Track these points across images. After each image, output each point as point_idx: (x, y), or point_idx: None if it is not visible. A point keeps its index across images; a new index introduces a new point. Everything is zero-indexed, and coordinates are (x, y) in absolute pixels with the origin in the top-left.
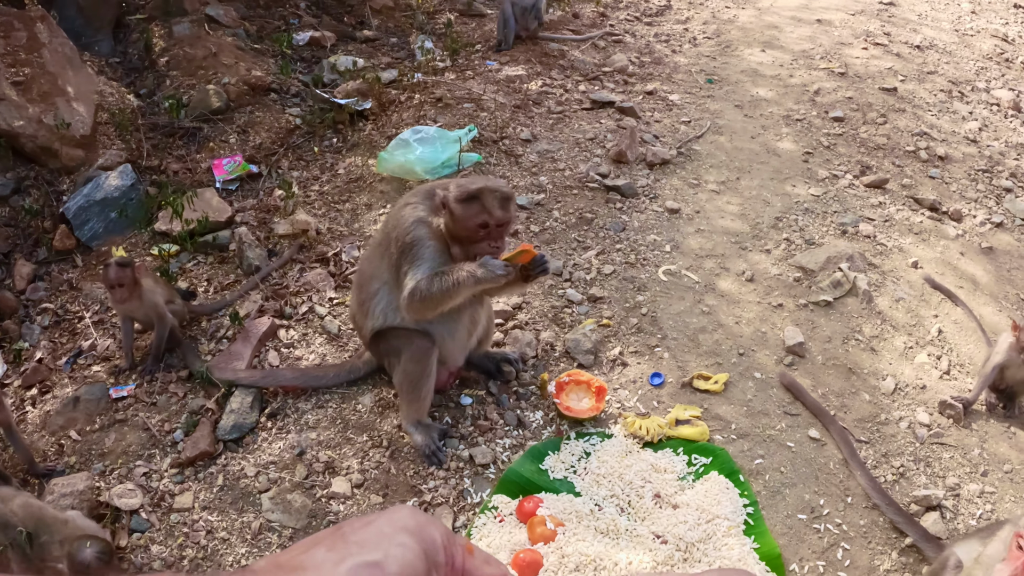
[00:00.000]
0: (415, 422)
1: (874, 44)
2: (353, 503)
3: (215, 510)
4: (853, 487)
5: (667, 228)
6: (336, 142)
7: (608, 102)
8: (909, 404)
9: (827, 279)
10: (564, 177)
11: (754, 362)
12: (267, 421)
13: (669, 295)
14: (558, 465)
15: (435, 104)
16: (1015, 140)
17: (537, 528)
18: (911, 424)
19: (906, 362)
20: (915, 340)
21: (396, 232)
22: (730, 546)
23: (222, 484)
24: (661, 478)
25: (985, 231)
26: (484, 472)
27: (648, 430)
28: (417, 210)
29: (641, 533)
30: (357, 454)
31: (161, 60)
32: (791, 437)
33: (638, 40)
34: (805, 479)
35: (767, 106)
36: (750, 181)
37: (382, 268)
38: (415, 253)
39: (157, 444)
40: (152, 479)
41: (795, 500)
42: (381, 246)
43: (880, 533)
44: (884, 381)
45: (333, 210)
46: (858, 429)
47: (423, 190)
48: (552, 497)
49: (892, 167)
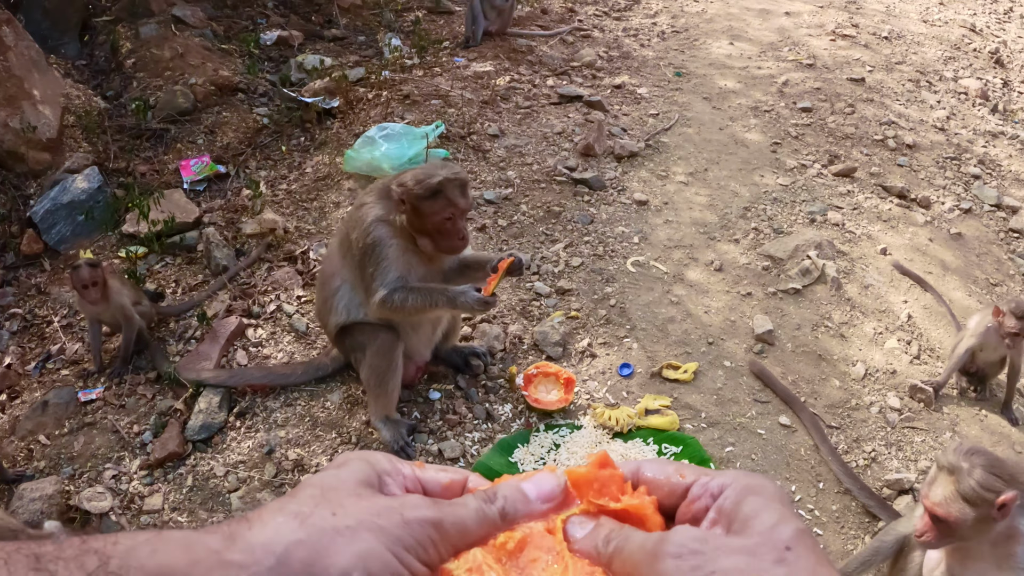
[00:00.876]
0: (383, 418)
1: (842, 36)
2: None
3: (185, 511)
4: (825, 473)
5: (635, 220)
6: (304, 141)
7: (576, 96)
8: (880, 389)
9: (796, 267)
10: (532, 171)
11: (723, 351)
12: (236, 420)
13: (637, 286)
14: (528, 458)
15: (403, 101)
16: (983, 128)
17: None
18: (882, 409)
19: (876, 347)
20: (884, 326)
21: (356, 233)
22: None
23: (192, 485)
24: None
25: (953, 217)
26: (454, 467)
27: (618, 420)
28: (375, 209)
29: None
30: (326, 451)
31: (128, 62)
32: (761, 424)
33: (606, 35)
34: (776, 466)
35: (735, 98)
36: (718, 172)
37: (343, 267)
38: (379, 255)
39: (126, 446)
40: (122, 481)
41: None
42: (342, 246)
43: (853, 518)
44: (854, 367)
45: (301, 208)
46: (829, 415)
47: (378, 187)
48: None
49: (860, 156)
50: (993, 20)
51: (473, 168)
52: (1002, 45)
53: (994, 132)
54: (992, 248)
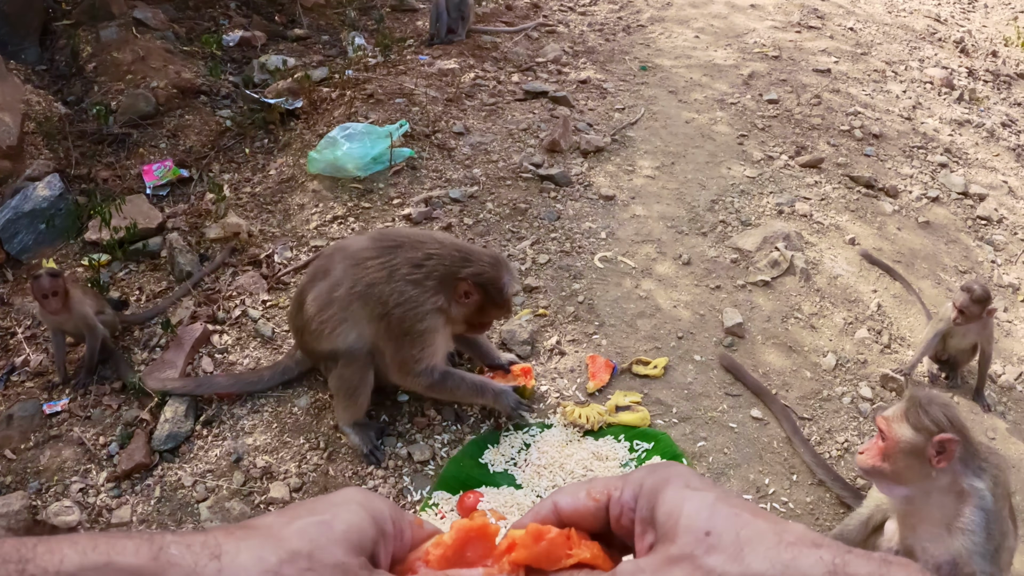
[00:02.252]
0: (351, 423)
1: (807, 27)
2: None
3: (154, 523)
4: (798, 464)
5: (602, 215)
6: (267, 143)
7: (541, 92)
8: (851, 379)
9: (764, 259)
10: (497, 169)
11: (693, 345)
12: (202, 429)
13: (606, 282)
14: (498, 458)
15: (366, 100)
16: (949, 116)
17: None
18: (854, 399)
19: (846, 338)
20: (854, 316)
21: (403, 312)
22: None
23: (160, 496)
24: (603, 466)
25: (921, 206)
26: (423, 469)
27: (588, 418)
28: (432, 297)
29: None
30: (294, 457)
31: (89, 66)
32: (733, 418)
33: (571, 30)
34: (749, 459)
35: (701, 90)
36: (685, 165)
37: (362, 321)
38: (426, 341)
39: (93, 458)
40: (89, 495)
41: (740, 480)
42: (366, 304)
43: (827, 509)
44: (825, 358)
45: (265, 211)
46: (800, 406)
47: (427, 266)
48: (493, 491)
49: (827, 146)
50: (958, 10)
51: (438, 166)
52: (967, 34)
53: (960, 120)
54: (960, 236)
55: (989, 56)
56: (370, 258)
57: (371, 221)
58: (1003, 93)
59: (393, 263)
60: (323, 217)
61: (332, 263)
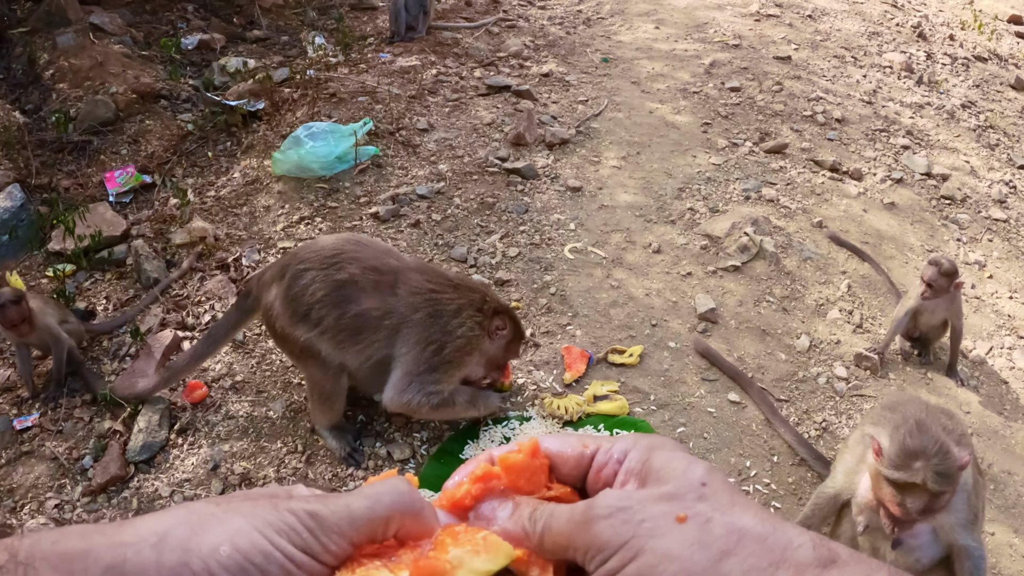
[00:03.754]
0: (328, 426)
1: (766, 16)
2: None
3: None
4: (778, 446)
5: (570, 207)
6: (230, 145)
7: (504, 86)
8: (825, 360)
9: (734, 244)
10: (463, 164)
11: (668, 332)
12: (177, 437)
13: (577, 273)
14: (479, 453)
15: (329, 100)
16: (909, 100)
17: None
18: (829, 379)
19: (819, 319)
20: (825, 297)
21: (461, 342)
22: None
23: (137, 508)
24: None
25: (886, 187)
26: (404, 468)
27: (567, 409)
28: (483, 337)
29: None
30: (273, 462)
31: (46, 73)
32: (711, 403)
33: (532, 24)
34: (729, 443)
35: (663, 80)
36: (650, 155)
37: (400, 346)
38: (458, 368)
39: (67, 473)
40: (65, 510)
41: (721, 464)
42: (421, 332)
43: (810, 488)
44: (798, 340)
45: (231, 215)
46: (777, 389)
47: (488, 310)
48: None
49: (791, 132)
50: None
51: (404, 164)
52: (924, 19)
53: (920, 103)
54: (926, 215)
55: (946, 40)
56: (435, 291)
57: (338, 221)
58: (961, 76)
59: (460, 302)
60: (290, 218)
61: (382, 284)
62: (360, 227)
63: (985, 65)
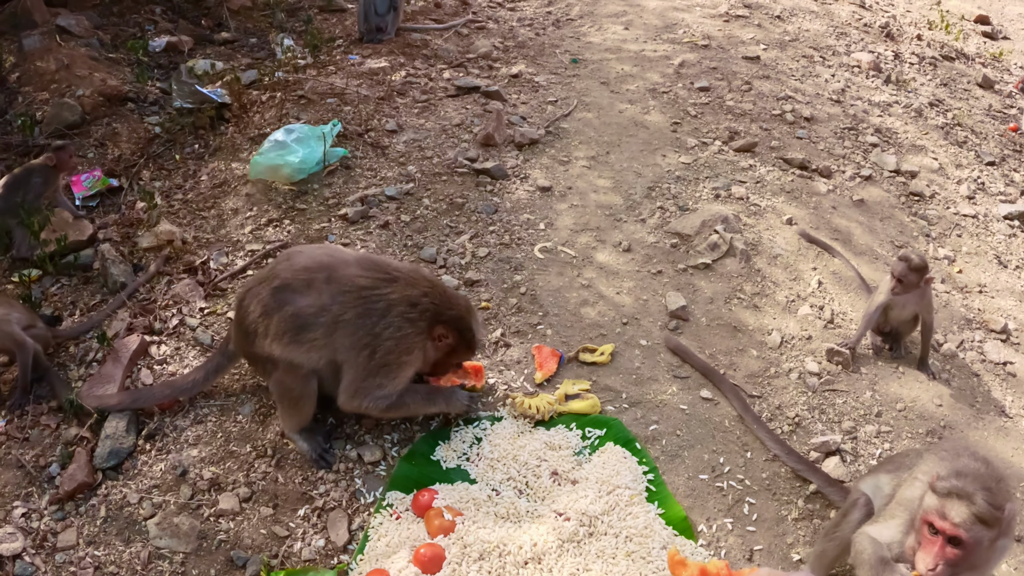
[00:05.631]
0: (297, 429)
1: (735, 17)
2: (243, 518)
3: (101, 544)
4: (751, 442)
5: (540, 206)
6: (198, 148)
7: (473, 87)
8: (797, 355)
9: (704, 242)
10: (432, 165)
11: (639, 330)
12: (145, 443)
13: (547, 272)
14: (450, 454)
15: (297, 102)
16: (877, 99)
17: (434, 521)
18: (801, 374)
19: (789, 315)
20: (796, 293)
21: (393, 345)
22: (634, 514)
23: (105, 515)
24: (557, 455)
25: (855, 185)
26: (375, 470)
27: (538, 408)
28: (421, 337)
29: (542, 513)
30: (242, 467)
31: (12, 76)
32: (683, 400)
33: (501, 25)
34: (702, 440)
35: (632, 81)
36: (620, 154)
37: (339, 345)
38: (402, 373)
39: (33, 481)
40: (32, 519)
41: (695, 461)
42: (354, 334)
43: (784, 484)
44: (770, 336)
45: (199, 218)
46: (749, 385)
47: (431, 314)
48: (447, 487)
49: (760, 131)
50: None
51: (372, 165)
52: (891, 19)
53: (888, 102)
54: (895, 212)
55: (914, 40)
56: (366, 287)
57: (307, 223)
58: (928, 75)
59: (391, 298)
60: (258, 221)
61: (315, 281)
62: (329, 229)
63: (952, 64)
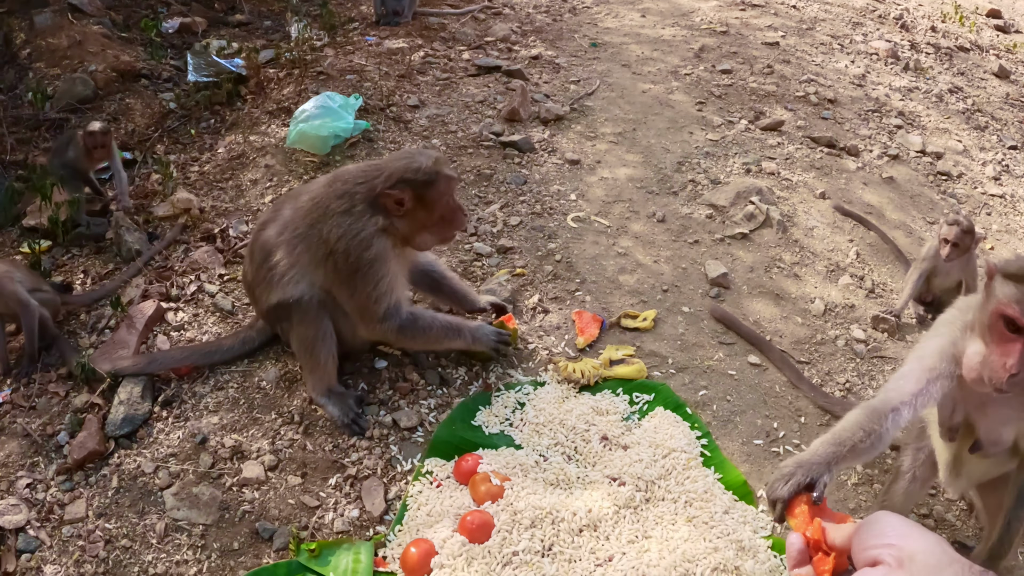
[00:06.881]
0: (325, 392)
1: (751, 6)
2: (269, 487)
3: (113, 516)
4: (804, 407)
5: (569, 178)
6: (214, 123)
7: (494, 67)
8: (842, 323)
9: (740, 212)
10: (457, 139)
11: (680, 297)
12: (161, 410)
13: (582, 240)
14: (491, 419)
15: (316, 78)
16: (898, 84)
17: (481, 486)
18: (848, 341)
19: (831, 284)
20: (835, 263)
21: (345, 244)
22: (693, 478)
23: (117, 486)
24: (605, 420)
25: (883, 163)
26: (411, 436)
27: (583, 373)
28: (371, 219)
29: (594, 479)
30: (267, 434)
31: (23, 53)
32: (731, 365)
33: (518, 11)
34: (754, 405)
35: (654, 64)
36: (646, 131)
37: (310, 266)
38: (379, 271)
39: (40, 450)
40: (37, 490)
41: (748, 427)
42: (309, 247)
43: None
44: (813, 304)
45: (216, 189)
46: (796, 351)
47: (351, 192)
48: (491, 453)
49: (785, 111)
50: None
51: (395, 138)
52: (905, 11)
53: (908, 87)
54: (924, 190)
55: (929, 31)
56: (309, 199)
57: None
58: (945, 64)
59: (323, 200)
60: (278, 191)
61: (280, 208)
62: None
63: (967, 55)
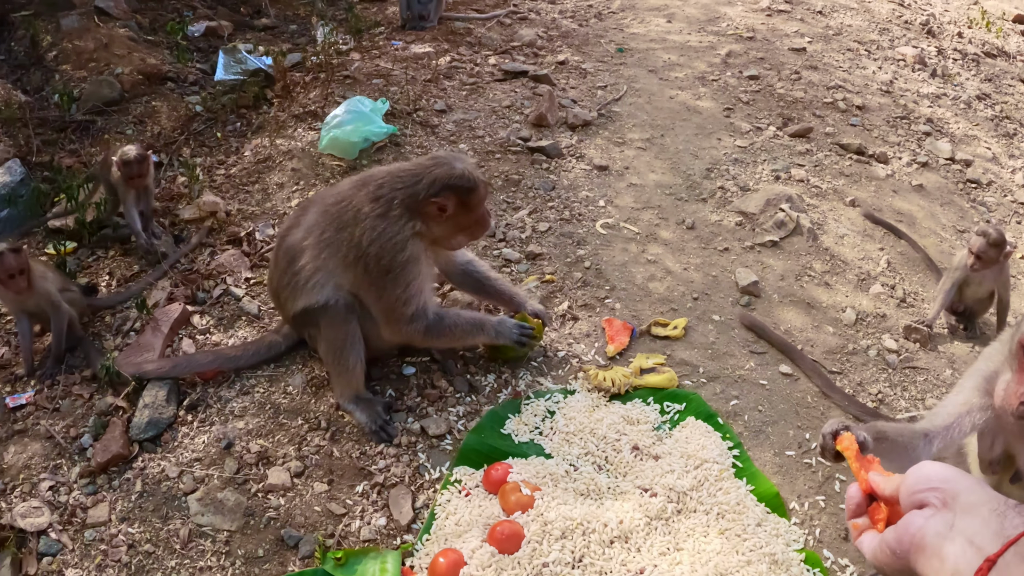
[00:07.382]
0: (353, 398)
1: (777, 11)
2: (295, 494)
3: (136, 520)
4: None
5: (598, 185)
6: (240, 126)
7: (521, 72)
8: (873, 333)
9: (770, 220)
10: (484, 144)
11: (710, 305)
12: (187, 414)
13: (611, 247)
14: (521, 428)
15: (342, 82)
16: (926, 90)
17: (511, 496)
18: (880, 351)
19: (862, 293)
20: (866, 272)
21: (379, 248)
22: (725, 490)
23: (141, 490)
24: (636, 429)
25: (912, 171)
26: (440, 444)
27: (613, 381)
28: (406, 225)
29: (626, 489)
30: (293, 440)
31: (49, 55)
32: (762, 375)
33: (543, 17)
34: (785, 415)
35: (680, 69)
36: (674, 137)
37: (337, 268)
38: (410, 273)
39: (63, 453)
40: (60, 493)
41: (780, 437)
42: (338, 251)
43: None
44: (844, 313)
45: (242, 192)
46: (828, 361)
47: (388, 196)
48: (521, 462)
49: (813, 118)
50: None
51: (423, 143)
52: (931, 17)
53: (936, 94)
54: (954, 198)
55: (955, 37)
56: (336, 202)
57: None
58: (972, 70)
59: (354, 204)
60: (304, 194)
61: (306, 211)
62: None
63: (995, 61)
